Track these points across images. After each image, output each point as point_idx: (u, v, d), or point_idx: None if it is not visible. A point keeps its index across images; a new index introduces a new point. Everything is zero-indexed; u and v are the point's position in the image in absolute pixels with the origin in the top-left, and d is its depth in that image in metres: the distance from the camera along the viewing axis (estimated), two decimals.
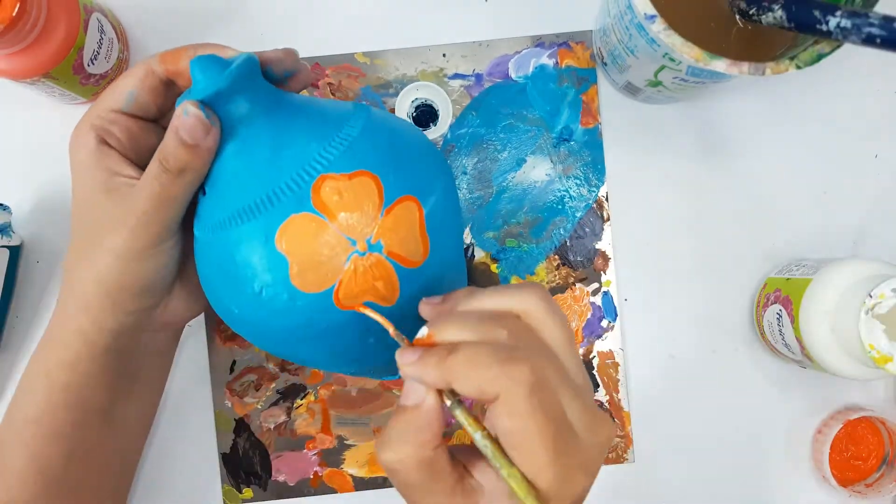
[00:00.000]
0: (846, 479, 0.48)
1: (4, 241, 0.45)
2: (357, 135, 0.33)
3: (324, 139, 0.32)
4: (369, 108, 0.35)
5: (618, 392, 0.48)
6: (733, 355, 0.48)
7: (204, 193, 0.34)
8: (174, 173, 0.32)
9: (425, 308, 0.32)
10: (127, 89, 0.35)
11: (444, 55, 0.48)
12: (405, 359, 0.28)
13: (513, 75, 0.48)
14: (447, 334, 0.28)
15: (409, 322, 0.33)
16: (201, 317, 0.48)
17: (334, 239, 0.31)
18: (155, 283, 0.35)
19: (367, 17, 0.48)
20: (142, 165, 0.35)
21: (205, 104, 0.32)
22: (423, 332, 0.29)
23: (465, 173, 0.48)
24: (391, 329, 0.30)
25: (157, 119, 0.37)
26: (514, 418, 0.26)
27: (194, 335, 0.48)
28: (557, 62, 0.48)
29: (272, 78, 0.35)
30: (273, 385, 0.47)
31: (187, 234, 0.36)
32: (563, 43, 0.48)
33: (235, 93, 0.32)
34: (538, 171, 0.48)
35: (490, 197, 0.48)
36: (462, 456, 0.29)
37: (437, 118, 0.47)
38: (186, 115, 0.31)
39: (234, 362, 0.48)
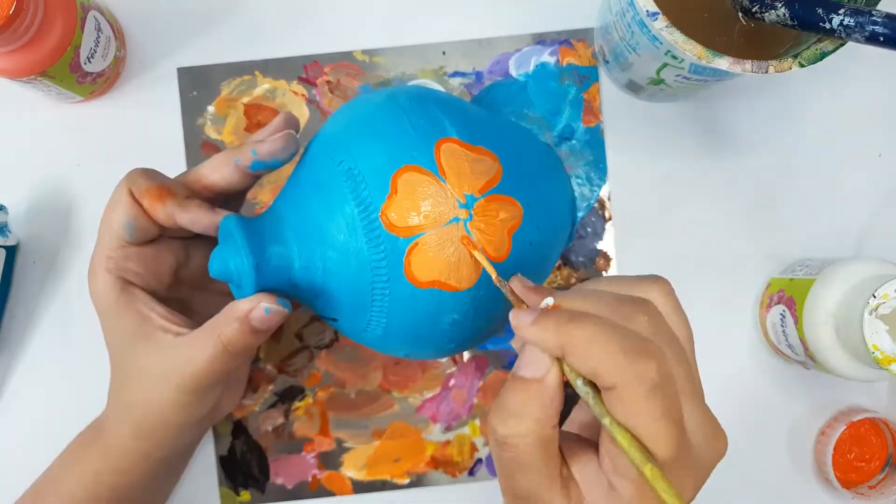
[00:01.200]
0: (849, 480, 0.47)
1: (1, 241, 0.45)
2: None
3: None
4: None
5: None
6: (736, 356, 0.48)
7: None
8: (241, 353, 0.33)
9: (515, 284, 0.30)
10: (121, 221, 0.34)
11: (443, 53, 0.48)
12: (522, 319, 0.26)
13: (513, 73, 0.48)
14: (575, 306, 0.26)
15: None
16: None
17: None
18: (208, 413, 0.37)
19: (365, 15, 0.48)
20: (161, 287, 0.36)
21: (268, 291, 0.33)
22: (549, 301, 0.27)
23: None
24: (506, 288, 0.30)
25: (160, 235, 0.37)
26: (631, 417, 0.23)
27: None
28: (558, 60, 0.48)
29: (278, 166, 0.36)
30: (270, 387, 0.47)
31: None
32: (564, 41, 0.48)
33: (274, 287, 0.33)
34: None
35: None
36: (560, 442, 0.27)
37: None
38: (268, 313, 0.32)
39: None
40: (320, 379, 0.47)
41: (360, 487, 0.47)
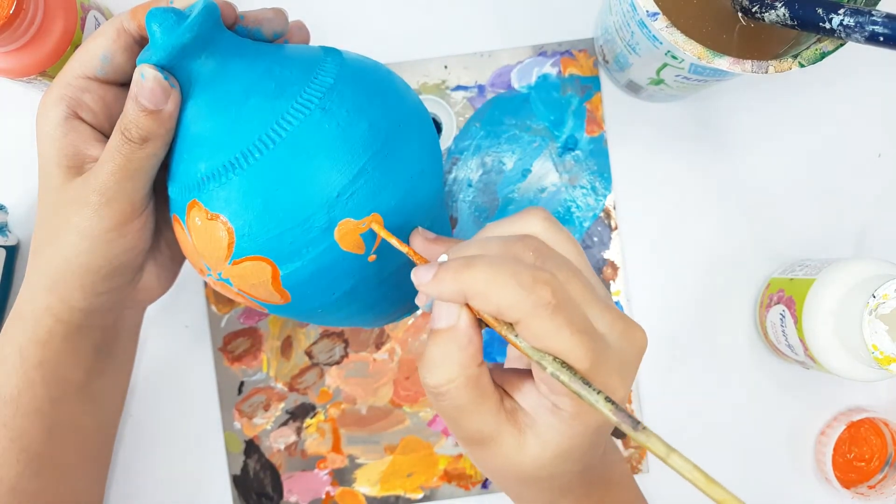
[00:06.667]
0: (849, 480, 0.47)
1: (1, 240, 0.45)
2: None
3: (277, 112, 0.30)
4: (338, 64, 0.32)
5: (630, 402, 0.47)
6: (736, 356, 0.48)
7: (171, 154, 0.33)
8: (137, 143, 0.31)
9: (417, 239, 0.31)
10: (99, 52, 0.33)
11: (445, 67, 0.48)
12: (421, 276, 0.27)
13: (515, 85, 0.48)
14: (468, 254, 0.27)
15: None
16: (208, 339, 0.47)
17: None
18: (125, 264, 0.34)
19: (366, 31, 0.48)
20: (109, 134, 0.33)
21: (163, 65, 0.30)
22: (443, 258, 0.28)
23: (471, 185, 0.47)
24: (404, 248, 0.30)
25: (128, 83, 0.34)
26: (542, 341, 0.25)
27: (201, 356, 0.47)
28: (560, 71, 0.48)
29: (261, 39, 0.33)
30: (282, 405, 0.47)
31: (157, 210, 0.35)
32: (565, 51, 0.48)
33: (196, 48, 0.30)
34: (544, 182, 0.47)
35: (496, 209, 0.47)
36: (497, 378, 0.29)
37: (441, 131, 0.47)
38: (144, 78, 0.30)
39: (241, 383, 0.47)
40: (331, 395, 0.47)
41: (374, 503, 0.47)
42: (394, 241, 0.30)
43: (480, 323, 0.27)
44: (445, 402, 0.27)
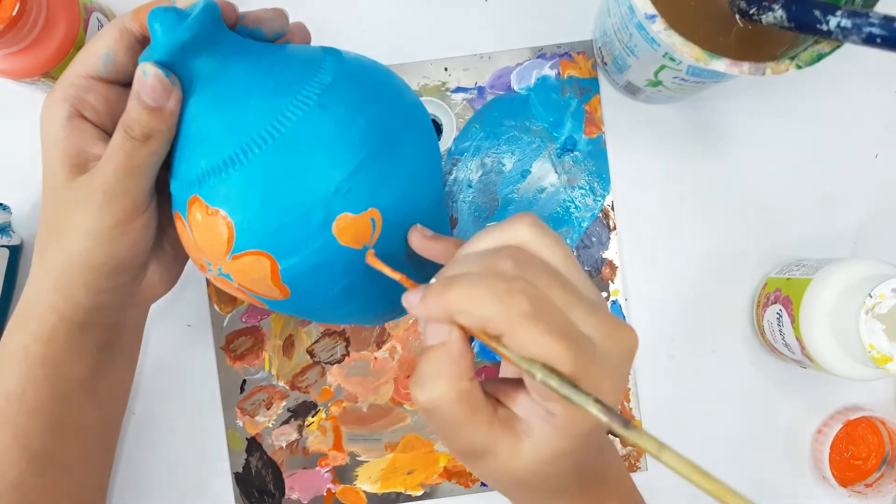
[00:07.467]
0: (846, 479, 0.48)
1: (4, 240, 0.45)
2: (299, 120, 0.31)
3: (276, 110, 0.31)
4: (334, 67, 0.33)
5: (629, 401, 0.47)
6: (733, 355, 0.48)
7: (173, 152, 0.33)
8: (140, 140, 0.31)
9: (415, 236, 0.32)
10: (101, 52, 0.33)
11: (445, 69, 0.48)
12: (410, 300, 0.28)
13: (515, 87, 0.48)
14: (451, 273, 0.28)
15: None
16: (210, 338, 0.48)
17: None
18: (128, 262, 0.34)
19: (367, 32, 0.48)
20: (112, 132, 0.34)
21: (164, 63, 0.30)
22: (432, 281, 0.29)
23: (470, 186, 0.48)
24: (397, 276, 0.30)
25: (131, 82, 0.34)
26: (526, 349, 0.25)
27: (203, 355, 0.48)
28: (559, 73, 0.48)
29: (262, 39, 0.34)
30: (284, 403, 0.47)
31: (159, 208, 0.35)
32: (564, 53, 0.48)
33: (197, 47, 0.31)
34: (543, 182, 0.48)
35: (495, 209, 0.48)
36: (490, 388, 0.29)
37: (441, 132, 0.47)
38: (146, 76, 0.30)
39: (244, 381, 0.47)
40: (332, 394, 0.47)
41: (375, 500, 0.47)
42: (386, 270, 0.31)
43: (472, 339, 0.27)
44: (438, 419, 0.28)
